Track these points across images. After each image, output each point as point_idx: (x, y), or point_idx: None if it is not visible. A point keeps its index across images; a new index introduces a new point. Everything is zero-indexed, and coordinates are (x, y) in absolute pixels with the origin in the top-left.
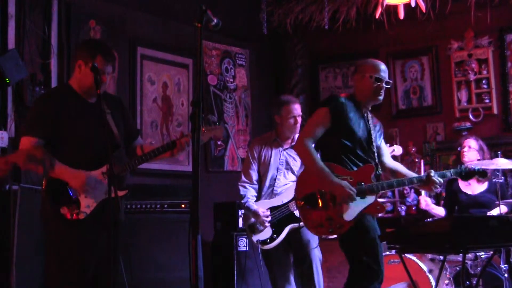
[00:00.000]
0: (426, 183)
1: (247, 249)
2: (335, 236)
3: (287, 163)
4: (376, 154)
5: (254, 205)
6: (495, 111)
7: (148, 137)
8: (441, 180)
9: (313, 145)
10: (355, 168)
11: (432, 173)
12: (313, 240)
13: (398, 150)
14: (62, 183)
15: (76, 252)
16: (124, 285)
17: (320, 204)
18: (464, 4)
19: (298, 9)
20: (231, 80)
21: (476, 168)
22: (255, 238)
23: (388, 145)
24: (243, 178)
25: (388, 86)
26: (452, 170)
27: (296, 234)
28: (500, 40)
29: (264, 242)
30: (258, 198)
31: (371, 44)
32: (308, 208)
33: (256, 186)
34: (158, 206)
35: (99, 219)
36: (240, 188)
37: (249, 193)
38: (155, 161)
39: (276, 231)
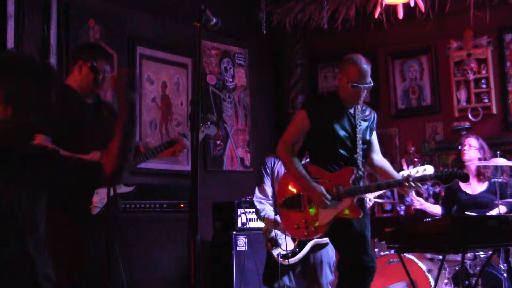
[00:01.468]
0: (402, 186)
1: (246, 248)
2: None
3: None
4: (362, 151)
5: (272, 214)
6: (494, 110)
7: (147, 136)
8: (419, 185)
9: (294, 148)
10: (338, 168)
11: (411, 178)
12: (326, 261)
13: (429, 169)
14: None
15: (70, 248)
16: (123, 284)
17: (298, 207)
18: (463, 3)
19: (297, 8)
20: (230, 79)
21: (457, 171)
22: (275, 252)
23: (420, 164)
24: (259, 195)
25: (369, 88)
26: (432, 174)
27: (315, 250)
28: (499, 39)
29: (285, 256)
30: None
31: (370, 44)
32: (286, 210)
33: (272, 202)
34: (157, 205)
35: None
36: (256, 203)
37: (267, 207)
38: (154, 161)
39: (299, 245)
